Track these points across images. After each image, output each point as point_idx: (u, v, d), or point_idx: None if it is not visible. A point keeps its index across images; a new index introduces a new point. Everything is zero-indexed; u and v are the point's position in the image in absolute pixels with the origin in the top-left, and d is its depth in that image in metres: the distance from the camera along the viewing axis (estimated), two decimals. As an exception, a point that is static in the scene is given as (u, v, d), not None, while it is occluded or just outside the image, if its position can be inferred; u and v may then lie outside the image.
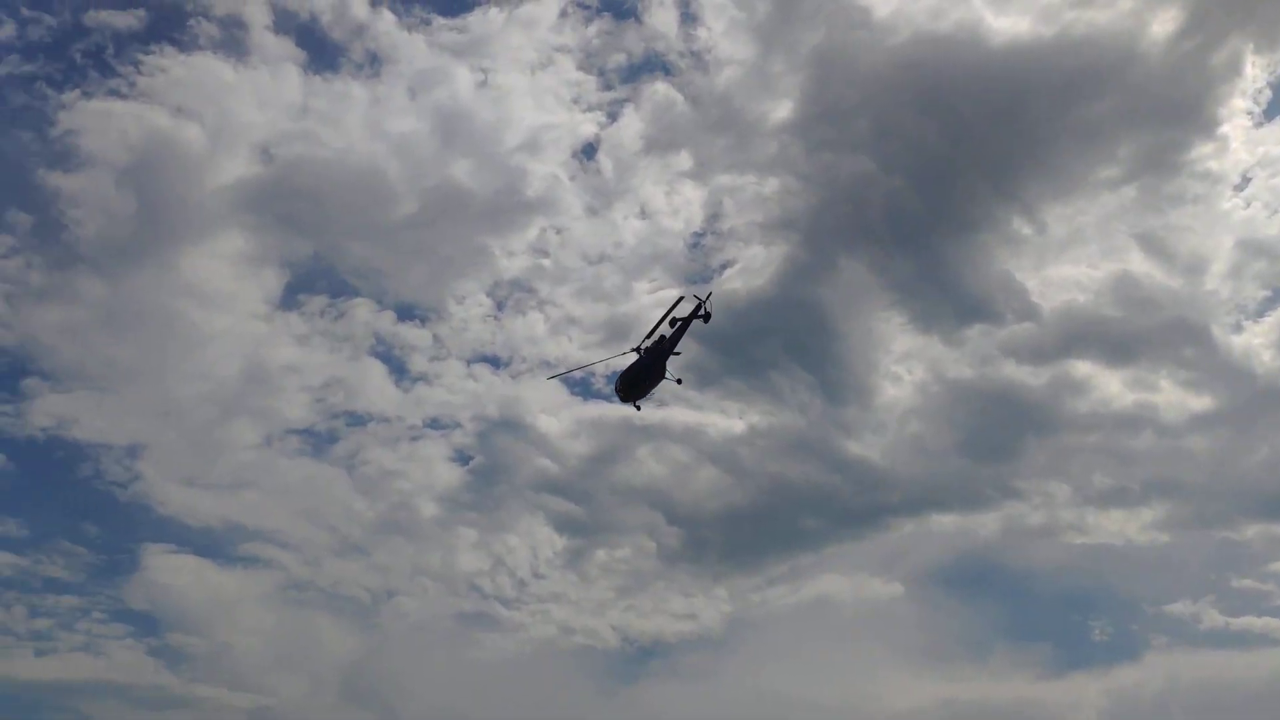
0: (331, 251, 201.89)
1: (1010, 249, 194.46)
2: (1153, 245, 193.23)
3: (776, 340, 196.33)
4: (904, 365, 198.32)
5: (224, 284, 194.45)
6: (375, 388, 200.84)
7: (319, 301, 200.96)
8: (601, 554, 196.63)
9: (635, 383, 78.72)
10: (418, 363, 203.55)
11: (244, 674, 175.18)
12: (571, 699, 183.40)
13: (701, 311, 78.87)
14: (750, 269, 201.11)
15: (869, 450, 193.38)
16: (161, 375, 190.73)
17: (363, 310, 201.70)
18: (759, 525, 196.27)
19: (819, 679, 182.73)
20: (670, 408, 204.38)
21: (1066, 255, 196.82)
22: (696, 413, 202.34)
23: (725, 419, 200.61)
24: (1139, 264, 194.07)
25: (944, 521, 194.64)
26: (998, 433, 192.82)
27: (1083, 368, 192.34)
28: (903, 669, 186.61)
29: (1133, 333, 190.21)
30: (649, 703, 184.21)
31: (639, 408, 79.27)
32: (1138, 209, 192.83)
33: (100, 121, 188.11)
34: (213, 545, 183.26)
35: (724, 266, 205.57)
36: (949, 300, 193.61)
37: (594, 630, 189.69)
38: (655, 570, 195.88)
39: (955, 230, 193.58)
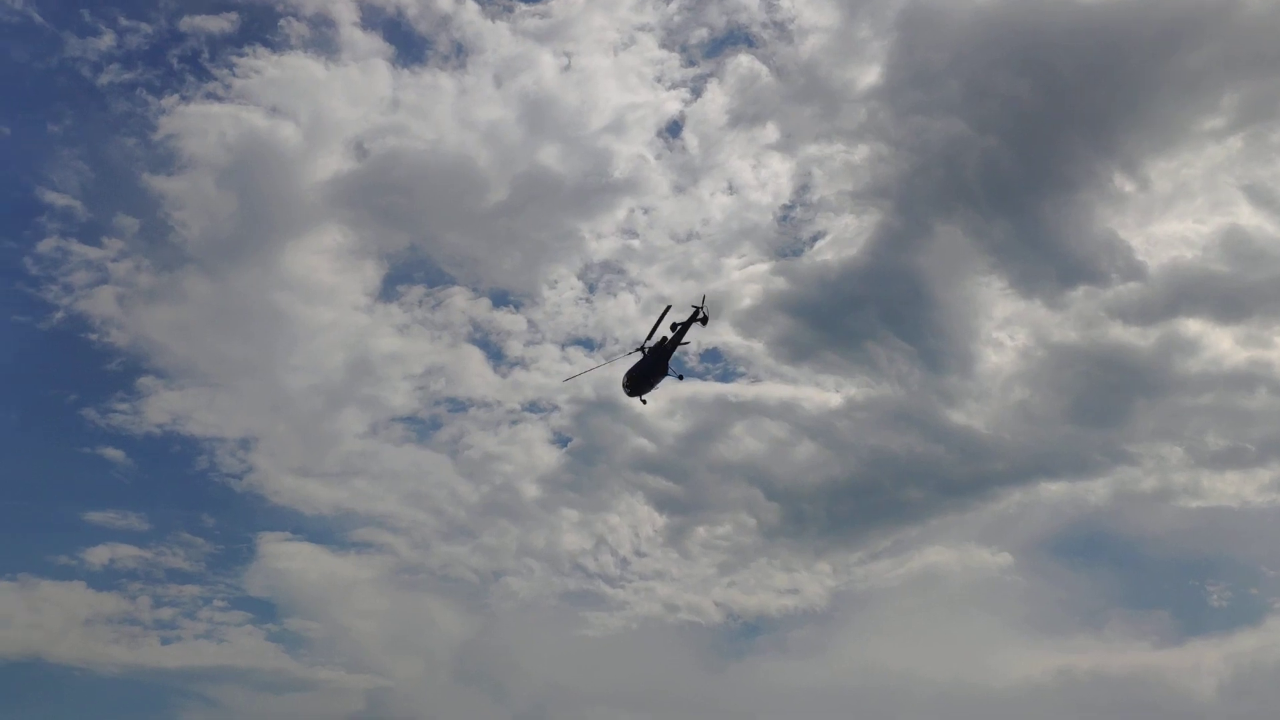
0: (427, 242, 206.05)
1: (1112, 207, 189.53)
2: (1262, 197, 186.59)
3: (872, 310, 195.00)
4: (1006, 331, 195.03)
5: (325, 278, 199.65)
6: (474, 374, 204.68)
7: (417, 291, 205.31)
8: (702, 531, 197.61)
9: (641, 380, 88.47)
10: (514, 348, 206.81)
11: (361, 656, 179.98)
12: (679, 675, 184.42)
13: (700, 315, 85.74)
14: (842, 239, 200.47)
15: (972, 419, 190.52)
16: (270, 369, 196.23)
17: (459, 298, 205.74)
18: (860, 498, 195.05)
19: (928, 652, 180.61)
20: (764, 383, 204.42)
21: (1171, 211, 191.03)
22: (792, 387, 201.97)
23: (821, 392, 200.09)
24: (1248, 217, 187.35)
25: (1052, 489, 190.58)
26: (1106, 396, 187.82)
27: (1192, 326, 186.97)
28: (1014, 640, 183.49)
29: (1244, 288, 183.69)
30: (756, 678, 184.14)
31: (645, 401, 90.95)
32: (1245, 160, 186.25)
33: (199, 124, 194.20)
34: (326, 532, 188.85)
35: (815, 238, 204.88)
36: (1050, 262, 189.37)
37: (698, 607, 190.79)
38: (756, 546, 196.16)
39: (1054, 190, 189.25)
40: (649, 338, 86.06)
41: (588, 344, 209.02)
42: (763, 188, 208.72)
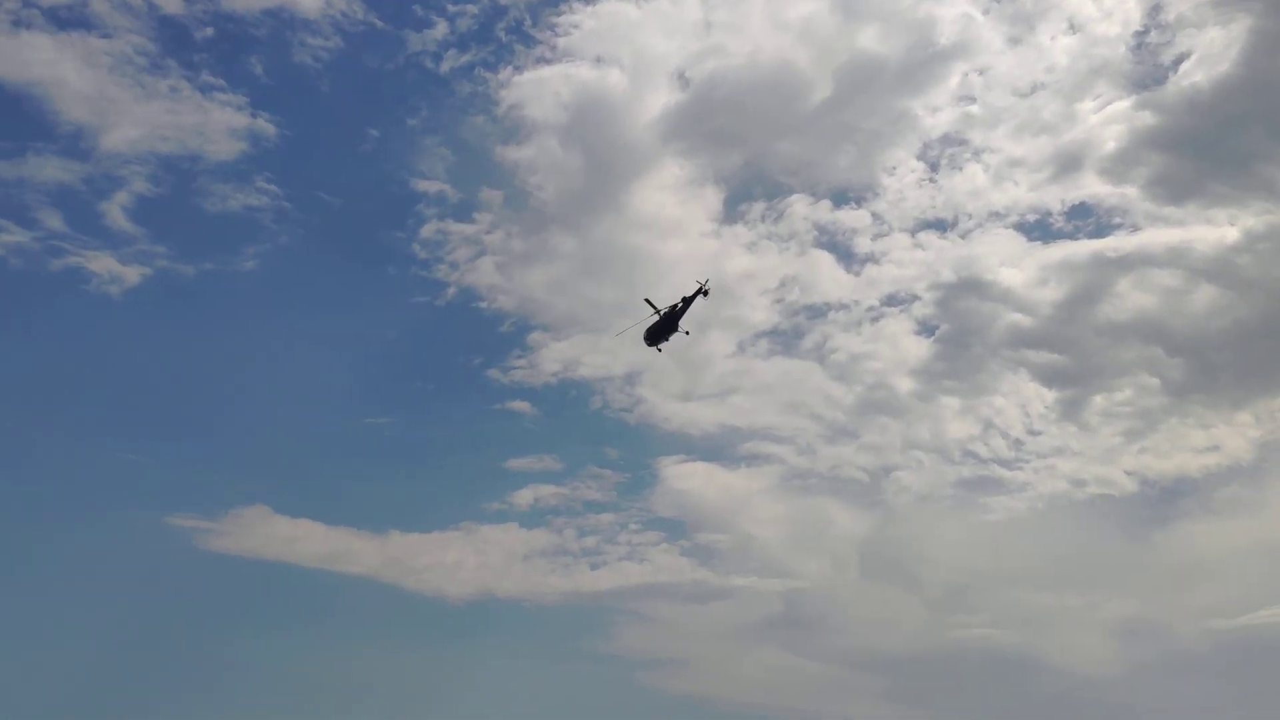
0: (760, 156, 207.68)
1: None
2: None
3: (1258, 128, 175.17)
4: None
5: (671, 211, 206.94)
6: (827, 277, 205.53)
7: (758, 207, 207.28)
8: (1099, 400, 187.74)
9: (658, 334, 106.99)
10: (862, 244, 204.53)
11: (770, 562, 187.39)
12: (1097, 550, 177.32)
13: (702, 291, 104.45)
14: (1210, 56, 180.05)
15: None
16: (639, 306, 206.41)
17: (799, 205, 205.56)
18: (1276, 338, 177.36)
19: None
20: (1145, 231, 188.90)
21: None
22: (1178, 229, 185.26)
23: (1213, 229, 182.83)
24: None
25: None
26: None
27: None
28: None
29: None
30: (1184, 544, 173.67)
31: (660, 350, 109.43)
32: None
33: (535, 90, 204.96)
34: (715, 450, 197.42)
35: (1178, 61, 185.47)
36: None
37: (1107, 479, 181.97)
38: (1164, 407, 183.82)
39: None
40: (668, 307, 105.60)
41: (939, 226, 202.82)
42: (1108, 18, 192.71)
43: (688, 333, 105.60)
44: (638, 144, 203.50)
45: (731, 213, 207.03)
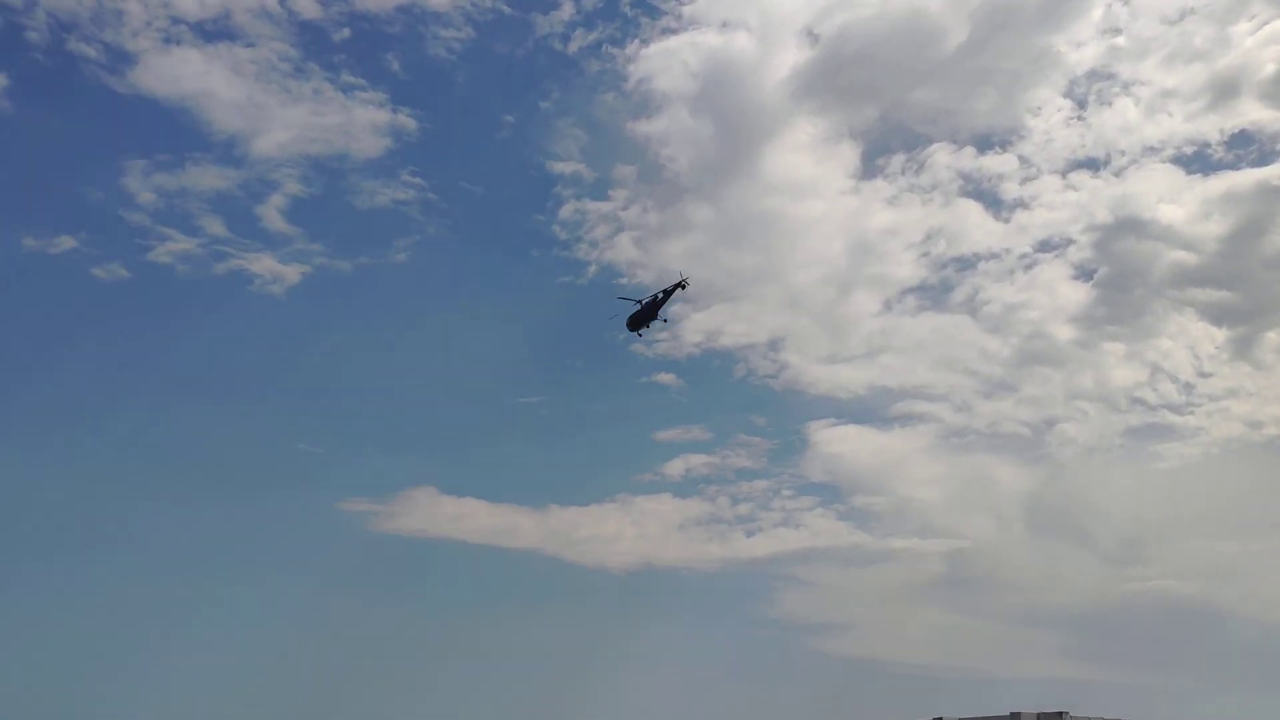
0: (896, 108, 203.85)
1: None
2: None
3: None
4: None
5: (807, 172, 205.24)
6: (974, 226, 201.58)
7: (897, 160, 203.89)
8: (1272, 336, 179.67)
9: (639, 320, 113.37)
10: (1009, 190, 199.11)
11: (930, 522, 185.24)
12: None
13: (681, 283, 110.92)
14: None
15: None
16: (779, 271, 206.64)
17: (941, 155, 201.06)
18: None
19: None
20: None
21: None
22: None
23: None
24: None
25: None
26: None
27: None
28: None
29: None
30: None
31: (640, 335, 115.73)
32: None
33: (663, 62, 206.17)
34: (867, 411, 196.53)
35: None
36: None
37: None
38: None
39: None
40: (645, 298, 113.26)
41: (1091, 165, 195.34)
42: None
43: (665, 320, 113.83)
44: (768, 106, 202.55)
45: (870, 168, 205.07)
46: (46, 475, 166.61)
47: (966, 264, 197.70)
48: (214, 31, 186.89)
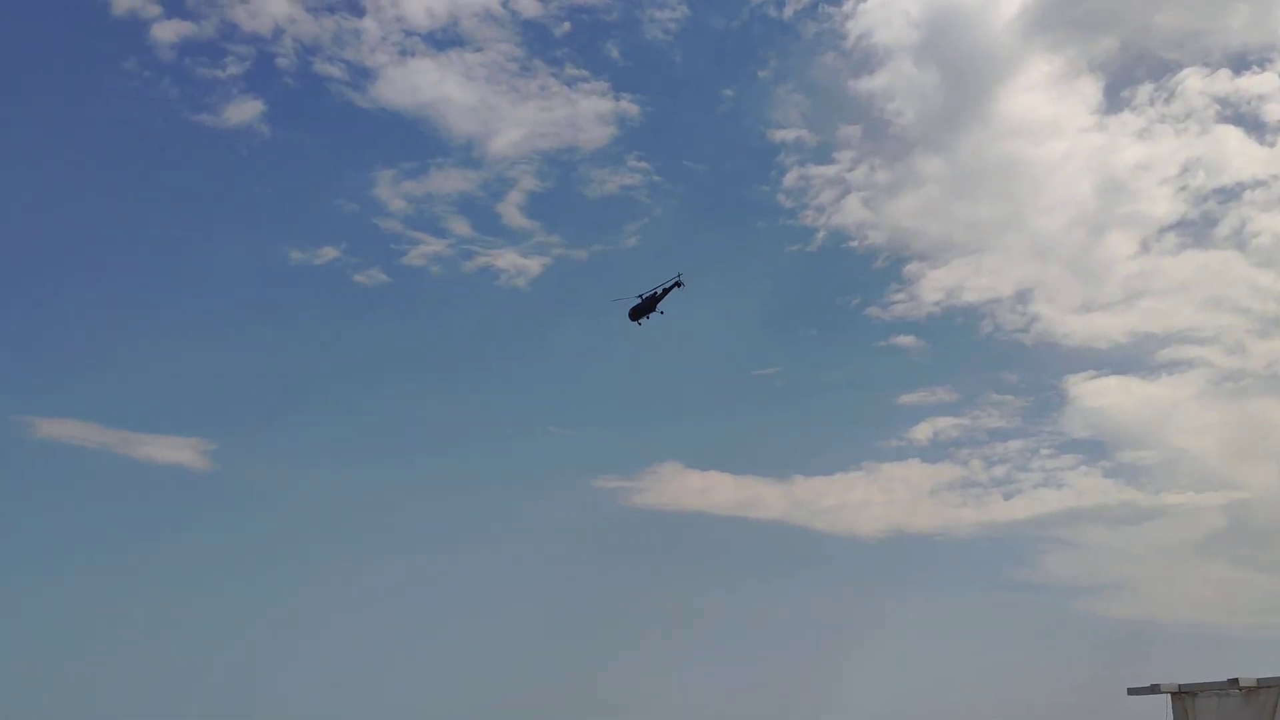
0: (1138, 34, 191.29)
1: None
2: None
3: None
4: None
5: (1045, 112, 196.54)
6: (1236, 154, 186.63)
7: (1144, 91, 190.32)
8: None
9: (639, 312, 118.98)
10: (1273, 111, 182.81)
11: (1205, 474, 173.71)
12: None
13: (677, 283, 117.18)
14: None
15: None
16: (1022, 218, 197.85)
17: (1193, 80, 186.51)
18: None
19: None
20: None
21: None
22: None
23: None
24: None
25: None
26: None
27: None
28: None
29: None
30: None
31: (640, 325, 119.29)
32: None
33: (883, 14, 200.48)
34: (1129, 360, 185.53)
35: None
36: None
37: None
38: None
39: None
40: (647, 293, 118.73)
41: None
42: None
43: (663, 312, 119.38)
44: (998, 47, 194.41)
45: (1114, 101, 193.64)
46: (340, 477, 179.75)
47: (1230, 195, 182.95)
48: (444, 40, 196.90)
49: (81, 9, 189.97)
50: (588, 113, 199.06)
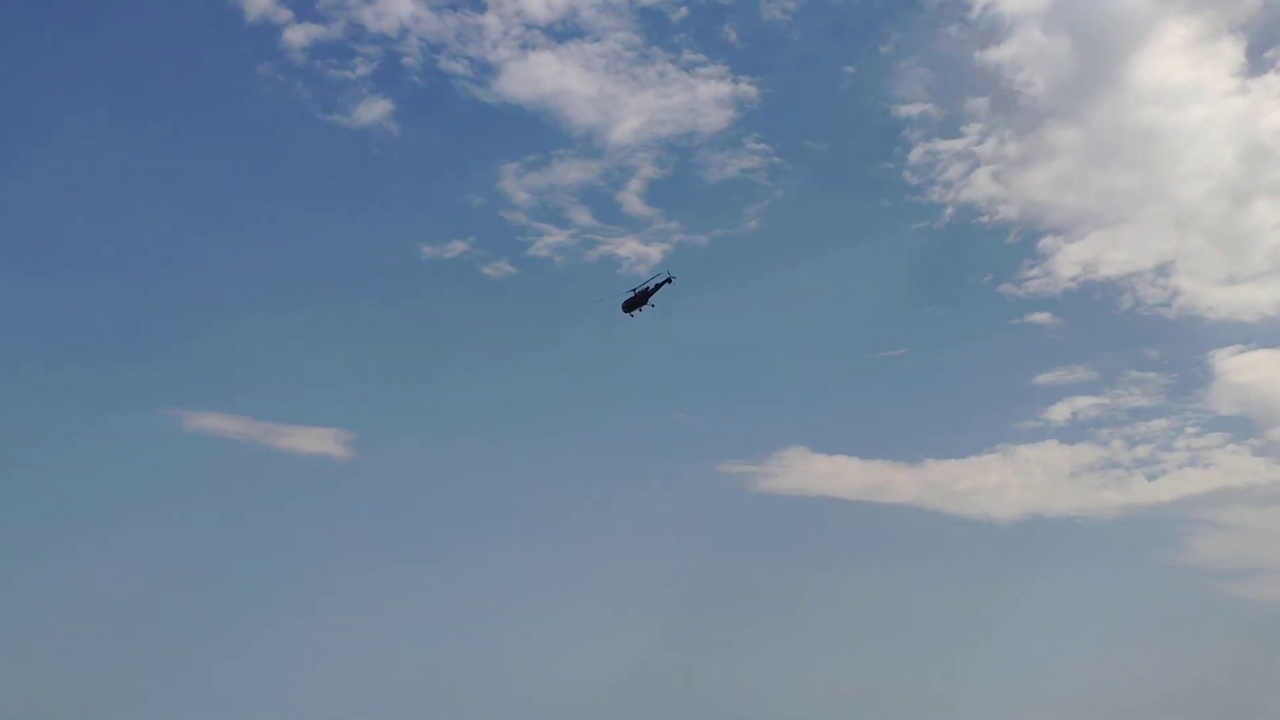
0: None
1: None
2: None
3: None
4: None
5: (1183, 76, 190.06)
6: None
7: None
8: None
9: (632, 305, 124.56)
10: None
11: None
12: None
13: (668, 279, 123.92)
14: None
15: None
16: (1161, 187, 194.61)
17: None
18: None
19: None
20: None
21: None
22: None
23: None
24: None
25: None
26: None
27: None
28: None
29: None
30: None
31: (632, 315, 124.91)
32: None
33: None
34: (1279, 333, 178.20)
35: None
36: None
37: None
38: None
39: None
40: (643, 285, 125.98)
41: None
42: None
43: (654, 305, 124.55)
44: (1131, 11, 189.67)
45: (1257, 63, 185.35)
46: (471, 463, 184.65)
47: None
48: (564, 32, 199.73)
49: (217, 17, 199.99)
50: (706, 97, 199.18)
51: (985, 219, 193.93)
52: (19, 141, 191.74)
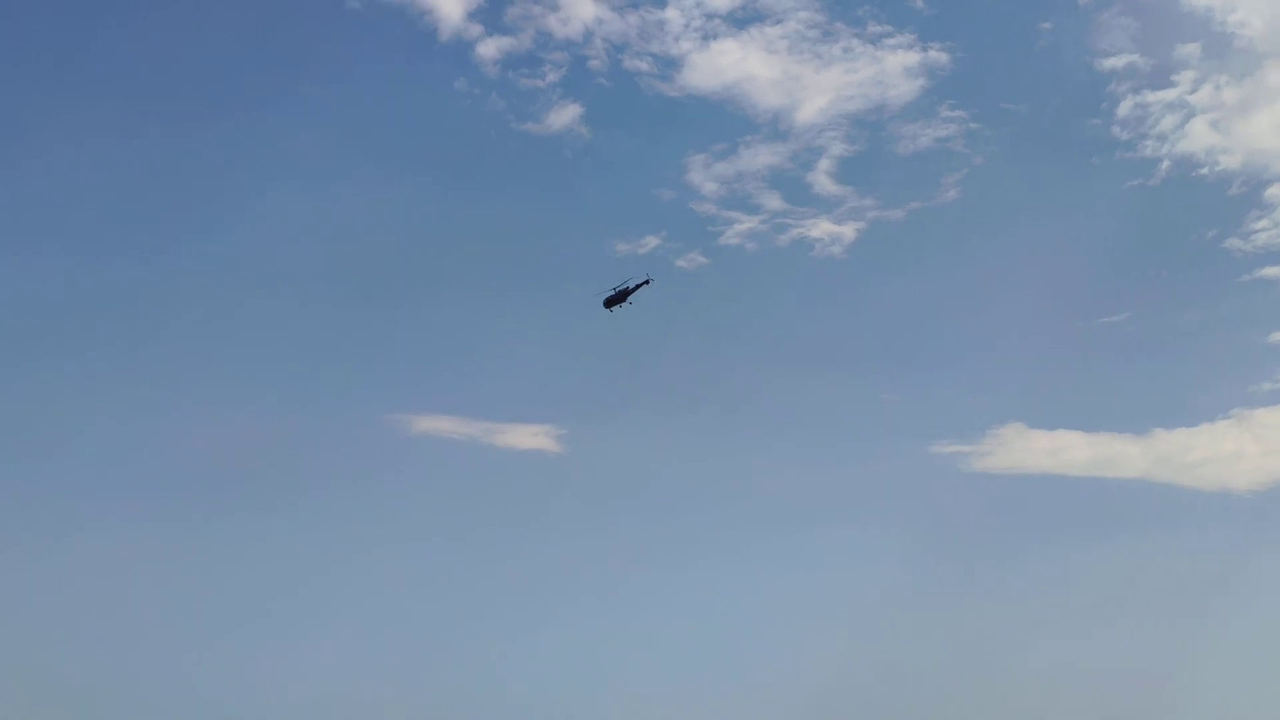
0: None
1: None
2: None
3: None
4: None
5: None
6: None
7: None
8: None
9: (613, 302, 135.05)
10: None
11: None
12: None
13: (646, 281, 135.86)
14: None
15: None
16: None
17: None
18: None
19: None
20: None
21: None
22: None
23: None
24: None
25: None
26: None
27: None
28: None
29: None
30: None
31: (612, 311, 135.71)
32: None
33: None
34: None
35: None
36: None
37: None
38: None
39: None
40: (622, 284, 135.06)
41: None
42: None
43: (632, 303, 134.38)
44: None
45: None
46: (677, 456, 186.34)
47: None
48: (744, 18, 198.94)
49: (413, 37, 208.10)
50: (894, 68, 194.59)
51: (1205, 171, 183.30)
52: (262, 177, 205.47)
